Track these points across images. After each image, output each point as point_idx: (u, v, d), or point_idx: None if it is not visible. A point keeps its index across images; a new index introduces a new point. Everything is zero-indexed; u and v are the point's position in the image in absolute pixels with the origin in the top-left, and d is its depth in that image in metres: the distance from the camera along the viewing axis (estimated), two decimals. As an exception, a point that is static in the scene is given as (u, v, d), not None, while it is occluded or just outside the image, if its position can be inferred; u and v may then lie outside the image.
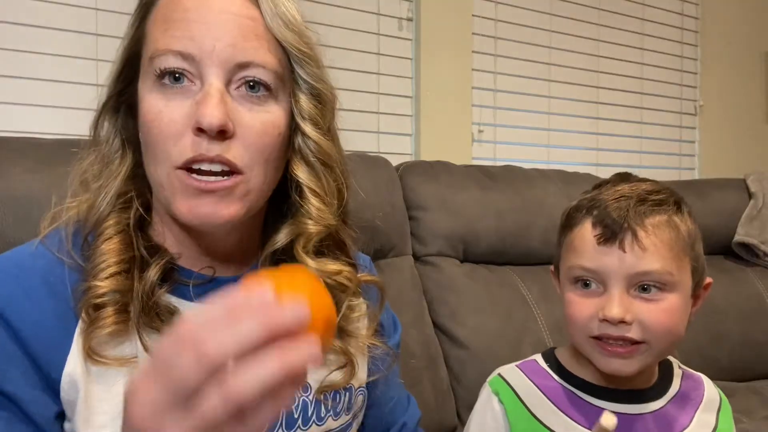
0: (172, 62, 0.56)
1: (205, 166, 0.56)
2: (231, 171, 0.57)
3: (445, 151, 1.71)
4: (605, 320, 0.71)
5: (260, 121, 0.58)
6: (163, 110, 0.56)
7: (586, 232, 0.74)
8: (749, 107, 2.50)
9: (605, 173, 1.91)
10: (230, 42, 0.56)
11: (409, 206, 1.44)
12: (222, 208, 0.57)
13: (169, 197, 0.58)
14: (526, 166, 1.68)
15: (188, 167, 0.56)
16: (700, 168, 2.39)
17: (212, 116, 0.54)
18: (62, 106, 1.32)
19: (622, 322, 0.70)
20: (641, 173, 2.39)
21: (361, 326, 0.70)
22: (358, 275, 0.69)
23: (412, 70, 1.80)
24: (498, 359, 1.36)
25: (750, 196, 1.95)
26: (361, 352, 0.69)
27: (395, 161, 1.50)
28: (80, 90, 1.33)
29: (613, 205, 0.73)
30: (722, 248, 1.89)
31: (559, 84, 2.05)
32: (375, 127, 1.75)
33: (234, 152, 0.57)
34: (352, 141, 0.69)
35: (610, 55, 2.16)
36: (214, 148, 0.56)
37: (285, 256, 0.65)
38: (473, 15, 1.87)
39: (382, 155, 1.49)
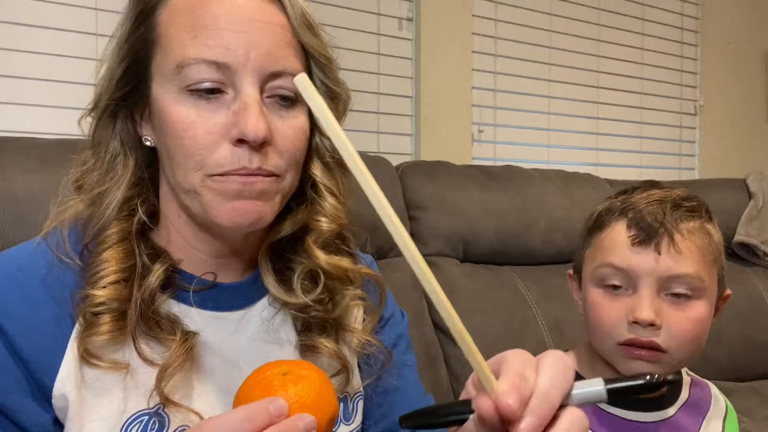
0: (206, 73, 0.55)
1: (242, 173, 0.56)
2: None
3: (445, 151, 1.71)
4: (635, 322, 0.70)
5: (291, 127, 0.58)
6: (195, 120, 0.55)
7: (619, 233, 0.73)
8: (749, 107, 2.50)
9: (605, 173, 1.92)
10: (265, 51, 0.56)
11: (409, 206, 1.44)
12: (261, 209, 0.57)
13: (205, 203, 0.57)
14: (526, 166, 1.68)
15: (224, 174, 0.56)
16: (700, 168, 2.39)
17: (257, 128, 0.54)
18: (62, 106, 1.32)
19: (651, 324, 0.69)
20: (641, 173, 2.36)
21: (358, 316, 0.70)
22: (360, 268, 0.69)
23: (412, 70, 1.80)
24: (498, 359, 1.36)
25: (750, 196, 1.95)
26: (353, 351, 0.68)
27: (395, 161, 1.50)
28: (80, 90, 1.33)
29: (647, 209, 0.72)
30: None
31: (559, 84, 2.05)
32: (375, 127, 1.75)
33: (272, 161, 0.57)
34: (352, 141, 0.68)
35: (610, 55, 2.16)
36: (255, 159, 0.55)
37: (289, 250, 0.65)
38: (473, 15, 1.87)
39: (382, 155, 1.49)
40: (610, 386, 0.41)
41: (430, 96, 1.80)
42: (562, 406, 0.40)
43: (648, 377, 0.40)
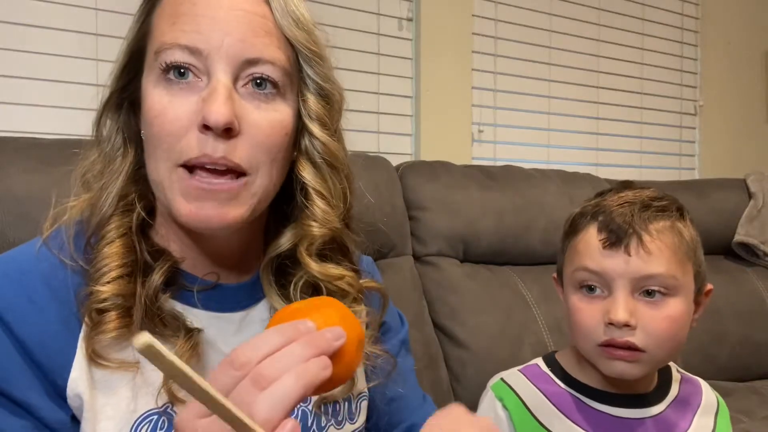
0: (179, 56, 0.55)
1: (209, 166, 0.55)
2: (235, 171, 0.56)
3: (445, 151, 1.71)
4: (611, 324, 0.71)
5: (267, 119, 0.57)
6: (167, 106, 0.55)
7: (591, 237, 0.75)
8: (749, 107, 2.50)
9: (605, 173, 1.92)
10: (239, 37, 0.55)
11: (409, 206, 1.44)
12: (227, 212, 0.56)
13: (169, 197, 0.57)
14: (526, 166, 1.69)
15: (191, 166, 0.55)
16: (700, 168, 2.39)
17: (218, 113, 0.53)
18: (62, 106, 1.32)
19: (626, 325, 0.70)
20: (641, 173, 2.37)
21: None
22: (361, 281, 0.68)
23: (412, 70, 1.80)
24: (498, 359, 1.36)
25: (750, 196, 1.95)
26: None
27: (395, 161, 1.50)
28: (80, 90, 1.33)
29: (617, 211, 0.74)
30: (722, 248, 1.89)
31: (559, 84, 2.05)
32: (375, 127, 1.75)
33: (240, 152, 0.56)
34: (352, 141, 0.68)
35: (610, 55, 2.16)
36: (220, 148, 0.54)
37: (288, 261, 0.64)
38: (473, 15, 1.87)
39: (382, 155, 1.49)
40: None
41: (430, 96, 1.80)
42: None
43: None
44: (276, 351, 0.41)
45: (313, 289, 0.64)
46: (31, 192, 0.96)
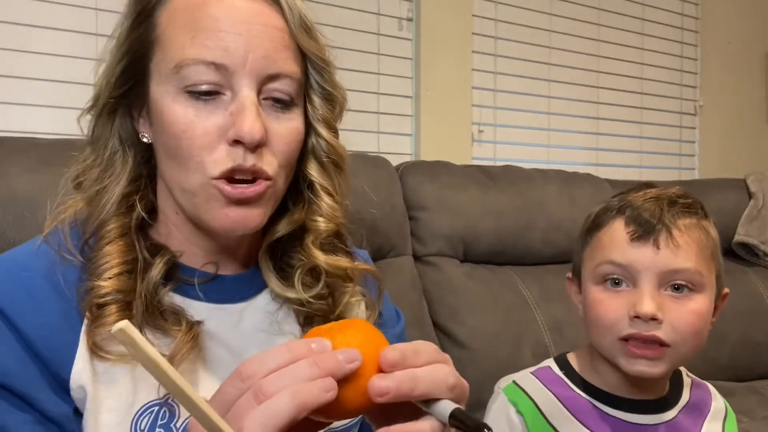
0: (204, 74, 0.56)
1: (239, 176, 0.57)
2: (262, 177, 0.58)
3: (445, 151, 1.71)
4: (636, 317, 0.70)
5: (287, 129, 0.60)
6: (194, 120, 0.57)
7: (617, 230, 0.74)
8: (749, 107, 2.50)
9: (605, 173, 1.92)
10: (263, 54, 0.57)
11: (409, 206, 1.44)
12: (253, 215, 0.59)
13: (201, 205, 0.59)
14: (526, 166, 1.69)
15: (226, 177, 0.57)
16: (700, 168, 2.39)
17: (253, 130, 0.55)
18: (62, 106, 1.32)
19: (653, 319, 0.69)
20: (641, 173, 2.37)
21: (360, 313, 0.70)
22: (356, 263, 0.70)
23: (412, 70, 1.80)
24: (498, 359, 1.36)
25: (750, 196, 1.96)
26: None
27: (395, 161, 1.50)
28: (80, 90, 1.32)
29: (644, 205, 0.73)
30: (722, 248, 1.89)
31: (559, 84, 2.05)
32: (375, 127, 1.75)
33: (266, 160, 0.58)
34: (352, 141, 0.70)
35: (610, 55, 2.16)
36: (250, 159, 0.57)
37: (287, 247, 0.66)
38: (473, 15, 1.87)
39: (382, 155, 1.49)
40: (454, 413, 0.42)
41: (430, 96, 1.80)
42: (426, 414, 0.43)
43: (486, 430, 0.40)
44: (282, 367, 0.41)
45: (313, 273, 0.66)
46: (31, 192, 0.96)
